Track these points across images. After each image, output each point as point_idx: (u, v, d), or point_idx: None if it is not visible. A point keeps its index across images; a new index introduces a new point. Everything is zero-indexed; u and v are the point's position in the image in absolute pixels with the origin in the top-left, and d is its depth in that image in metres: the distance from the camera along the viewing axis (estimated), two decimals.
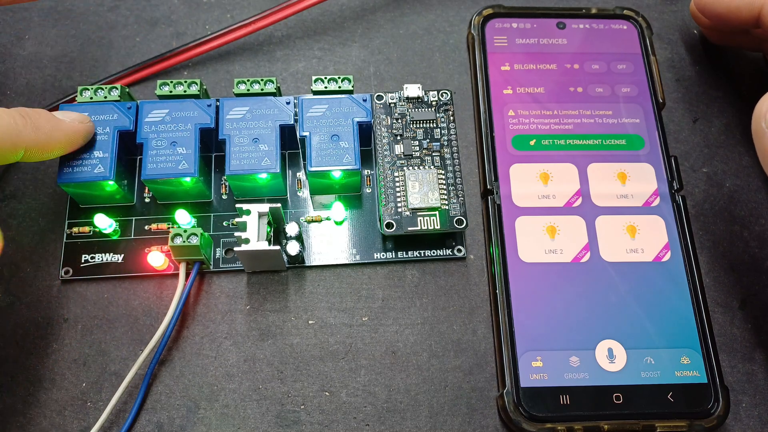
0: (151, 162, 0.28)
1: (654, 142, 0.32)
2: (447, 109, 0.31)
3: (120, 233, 0.30)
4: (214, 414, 0.27)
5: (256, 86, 0.30)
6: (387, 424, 0.27)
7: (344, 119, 0.29)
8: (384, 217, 0.29)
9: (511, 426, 0.27)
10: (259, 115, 0.29)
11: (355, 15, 0.36)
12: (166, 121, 0.29)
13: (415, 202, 0.29)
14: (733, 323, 0.30)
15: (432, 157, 0.30)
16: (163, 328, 0.27)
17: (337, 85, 0.30)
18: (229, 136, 0.29)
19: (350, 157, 0.29)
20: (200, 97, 0.30)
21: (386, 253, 0.30)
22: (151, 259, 0.29)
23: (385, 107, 0.31)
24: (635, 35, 0.34)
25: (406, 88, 0.31)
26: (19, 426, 0.27)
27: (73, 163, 0.28)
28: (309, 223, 0.30)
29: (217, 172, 0.31)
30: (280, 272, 0.30)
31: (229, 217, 0.30)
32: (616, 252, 0.29)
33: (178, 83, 0.30)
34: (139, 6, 0.35)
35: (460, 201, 0.29)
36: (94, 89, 0.30)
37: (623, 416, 0.27)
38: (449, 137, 0.30)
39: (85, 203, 0.30)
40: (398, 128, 0.31)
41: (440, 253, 0.30)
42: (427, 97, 0.31)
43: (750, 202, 0.32)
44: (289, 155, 0.31)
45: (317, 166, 0.28)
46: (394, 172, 0.30)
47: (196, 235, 0.27)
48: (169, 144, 0.28)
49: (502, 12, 0.34)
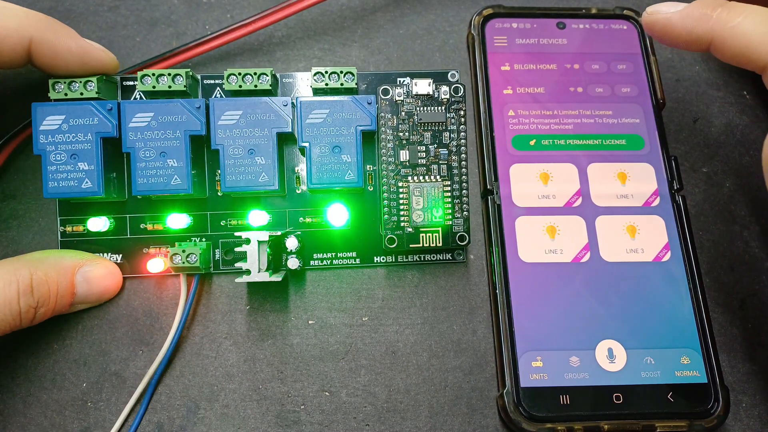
0: (140, 177, 0.27)
1: (654, 142, 0.32)
2: (459, 108, 0.29)
3: (114, 225, 0.29)
4: (214, 414, 0.27)
5: (249, 80, 0.28)
6: (387, 424, 0.27)
7: (346, 127, 0.28)
8: (386, 233, 0.28)
9: (511, 426, 0.27)
10: (254, 121, 0.28)
11: (355, 15, 0.36)
12: (152, 127, 0.27)
13: (418, 221, 0.28)
14: (733, 323, 0.30)
15: (438, 165, 0.29)
16: (167, 343, 0.27)
17: (338, 81, 0.28)
18: (223, 146, 0.27)
19: (353, 173, 0.28)
20: (187, 92, 0.28)
21: (387, 256, 0.30)
22: (150, 267, 0.29)
23: (390, 104, 0.29)
24: (635, 35, 0.34)
25: (416, 84, 0.29)
26: (19, 426, 0.27)
27: (58, 176, 0.27)
28: (308, 226, 0.30)
29: (211, 165, 0.30)
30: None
31: (226, 216, 0.29)
32: (616, 252, 0.29)
33: (161, 75, 0.28)
34: (139, 6, 0.35)
35: (464, 216, 0.28)
36: (67, 83, 0.28)
37: (623, 416, 0.27)
38: (458, 142, 0.29)
39: (76, 201, 0.29)
40: (404, 131, 0.29)
41: (440, 258, 0.30)
42: (438, 93, 0.29)
43: (750, 202, 0.32)
44: (286, 149, 0.30)
45: (318, 183, 0.28)
46: (399, 182, 0.28)
47: (195, 254, 0.27)
48: (158, 155, 0.27)
49: (502, 12, 0.34)
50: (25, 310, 0.25)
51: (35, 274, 0.25)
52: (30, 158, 0.31)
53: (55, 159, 0.27)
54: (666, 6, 0.28)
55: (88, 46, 0.28)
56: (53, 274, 0.26)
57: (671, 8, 0.27)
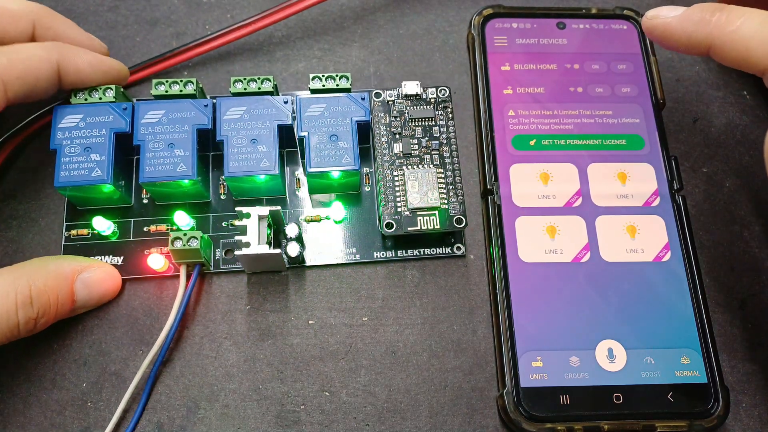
0: (148, 165, 0.28)
1: (654, 142, 0.32)
2: (446, 106, 0.31)
3: (119, 235, 0.30)
4: (214, 414, 0.27)
5: (253, 85, 0.30)
6: (387, 424, 0.27)
7: (342, 119, 0.29)
8: (384, 217, 0.29)
9: (511, 426, 0.27)
10: (257, 115, 0.29)
11: (355, 15, 0.36)
12: (162, 122, 0.29)
13: (415, 202, 0.29)
14: (733, 323, 0.30)
15: (431, 156, 0.30)
16: (165, 332, 0.27)
17: (334, 83, 0.30)
18: (227, 137, 0.29)
19: (349, 157, 0.28)
20: (197, 97, 0.30)
21: (386, 252, 0.30)
22: (151, 262, 0.29)
23: (383, 105, 0.31)
24: (635, 35, 0.34)
25: (405, 85, 0.31)
26: (19, 426, 0.27)
27: (70, 166, 0.28)
28: (308, 223, 0.30)
29: (216, 171, 0.31)
30: (280, 272, 0.30)
31: (228, 217, 0.30)
32: (616, 252, 0.29)
33: (174, 82, 0.30)
34: (139, 6, 0.35)
35: (459, 200, 0.29)
36: (88, 90, 0.30)
37: (623, 416, 0.27)
38: (448, 135, 0.30)
39: (83, 205, 0.30)
40: (397, 126, 0.30)
41: (440, 252, 0.30)
42: (426, 94, 0.31)
43: (750, 202, 0.32)
44: (287, 154, 0.31)
45: (316, 166, 0.28)
46: (393, 171, 0.29)
47: (196, 238, 0.27)
48: (167, 146, 0.28)
49: (502, 12, 0.34)
50: (24, 321, 0.25)
51: (34, 285, 0.25)
52: (30, 158, 0.31)
53: (70, 152, 0.28)
54: (665, 10, 0.28)
55: (102, 57, 0.30)
56: (52, 283, 0.26)
57: (670, 12, 0.27)
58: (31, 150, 0.32)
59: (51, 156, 0.29)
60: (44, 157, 0.31)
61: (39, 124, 0.31)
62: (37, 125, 0.31)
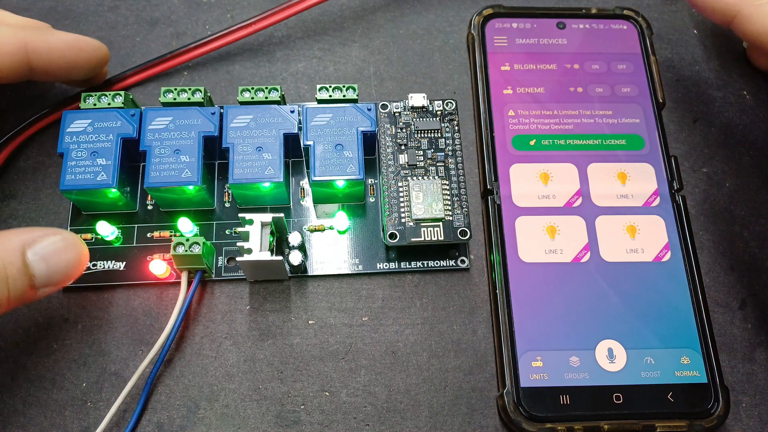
0: (154, 170, 0.28)
1: (654, 142, 0.32)
2: (452, 119, 0.31)
3: (122, 240, 0.30)
4: (214, 414, 0.27)
5: (261, 94, 0.30)
6: (387, 424, 0.27)
7: (348, 128, 0.29)
8: (387, 227, 0.28)
9: (511, 426, 0.27)
10: (263, 124, 0.29)
11: (355, 15, 0.36)
12: (169, 129, 0.29)
13: (419, 213, 0.29)
14: (733, 323, 0.30)
15: (436, 167, 0.30)
16: (164, 337, 0.27)
17: (341, 94, 0.30)
18: (233, 144, 0.29)
19: (354, 166, 0.28)
20: (204, 105, 0.30)
21: (389, 263, 0.30)
22: (153, 268, 0.29)
23: (389, 116, 0.31)
24: (635, 35, 0.34)
25: (411, 97, 0.31)
26: (19, 426, 0.27)
27: (76, 170, 0.28)
28: (312, 232, 0.30)
29: (221, 180, 0.31)
30: (282, 281, 0.30)
31: (231, 225, 0.30)
32: (616, 252, 0.29)
33: (183, 90, 0.30)
34: (139, 6, 0.35)
35: (464, 212, 0.29)
36: (97, 96, 0.30)
37: (623, 416, 0.27)
38: (454, 147, 0.30)
39: (88, 210, 0.30)
40: (403, 138, 0.30)
41: (443, 264, 0.30)
42: (432, 106, 0.31)
43: (750, 202, 0.32)
44: (292, 163, 0.31)
45: (321, 175, 0.28)
46: (398, 182, 0.29)
47: (198, 244, 0.27)
48: (173, 152, 0.28)
49: (502, 12, 0.34)
50: None
51: None
52: (30, 158, 0.31)
53: (76, 156, 0.28)
54: None
55: (77, 36, 0.29)
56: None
57: None
58: (31, 150, 0.32)
59: (51, 156, 0.29)
60: (44, 157, 0.31)
61: (39, 125, 0.31)
62: (38, 126, 0.31)
